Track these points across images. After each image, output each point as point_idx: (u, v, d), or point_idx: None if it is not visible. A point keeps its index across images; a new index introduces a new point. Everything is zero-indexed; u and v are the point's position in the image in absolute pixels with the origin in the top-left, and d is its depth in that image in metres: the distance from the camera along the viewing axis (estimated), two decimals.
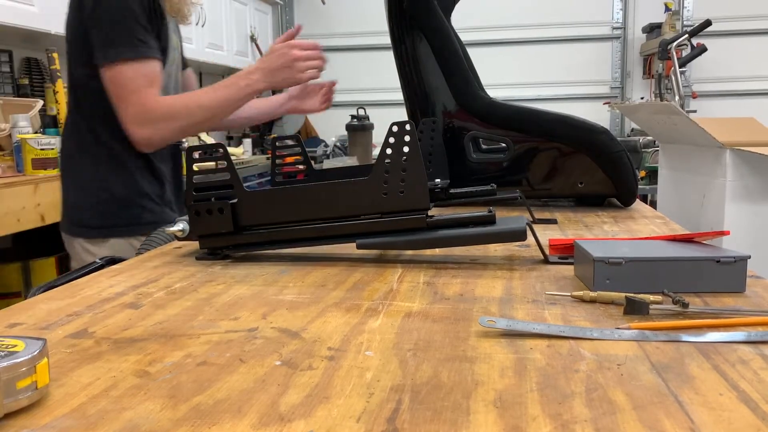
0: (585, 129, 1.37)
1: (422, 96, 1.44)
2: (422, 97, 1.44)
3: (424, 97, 1.44)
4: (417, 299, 0.70)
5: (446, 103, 1.42)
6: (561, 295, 0.70)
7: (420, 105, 1.45)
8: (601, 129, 1.37)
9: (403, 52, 1.46)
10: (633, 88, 4.93)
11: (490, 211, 0.88)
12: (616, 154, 1.35)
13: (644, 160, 3.70)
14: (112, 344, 0.58)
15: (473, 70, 1.49)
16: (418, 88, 1.44)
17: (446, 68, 1.42)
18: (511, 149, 1.37)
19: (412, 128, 0.84)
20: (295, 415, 0.43)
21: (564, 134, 1.37)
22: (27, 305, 0.72)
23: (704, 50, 4.16)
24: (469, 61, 1.50)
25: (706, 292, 0.70)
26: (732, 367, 0.50)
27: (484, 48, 4.98)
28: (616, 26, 4.90)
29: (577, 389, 0.46)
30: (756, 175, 1.89)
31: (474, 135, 1.40)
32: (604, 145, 1.35)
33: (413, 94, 1.46)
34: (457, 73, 1.42)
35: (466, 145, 1.38)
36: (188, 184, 0.92)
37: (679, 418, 0.42)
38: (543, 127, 1.38)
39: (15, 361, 0.43)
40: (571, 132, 1.36)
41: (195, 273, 0.86)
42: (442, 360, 0.52)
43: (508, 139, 1.37)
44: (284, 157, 1.20)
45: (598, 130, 1.37)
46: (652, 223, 1.17)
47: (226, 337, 0.59)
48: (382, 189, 0.86)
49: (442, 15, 1.43)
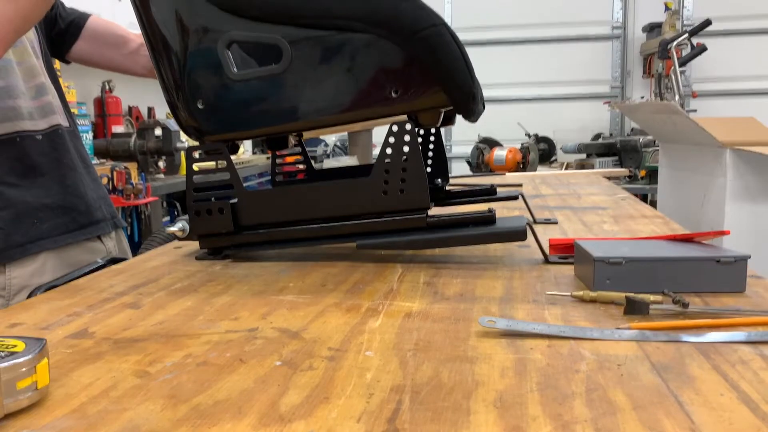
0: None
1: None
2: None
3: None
4: (417, 299, 0.70)
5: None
6: (561, 295, 0.70)
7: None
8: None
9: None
10: (633, 87, 4.93)
11: (490, 211, 0.88)
12: (427, 31, 0.81)
13: (644, 159, 3.71)
14: (112, 344, 0.58)
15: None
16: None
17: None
18: (287, 52, 0.86)
19: (412, 128, 0.84)
20: (296, 415, 0.43)
21: (345, 12, 0.84)
22: (27, 305, 0.72)
23: (704, 50, 4.16)
24: None
25: (706, 292, 0.70)
26: (732, 367, 0.50)
27: (485, 48, 4.98)
28: (616, 26, 4.90)
29: (578, 389, 0.46)
30: (756, 175, 1.89)
31: (231, 38, 0.87)
32: (408, 20, 0.82)
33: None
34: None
35: (222, 56, 0.87)
36: (188, 184, 0.92)
37: (679, 418, 0.41)
38: (317, 6, 0.86)
39: (15, 361, 0.43)
40: (354, 5, 0.84)
41: (195, 273, 0.86)
42: (442, 360, 0.52)
43: (280, 37, 0.86)
44: (284, 157, 1.20)
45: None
46: (652, 223, 1.17)
47: (226, 337, 0.59)
48: (382, 189, 0.86)
49: None
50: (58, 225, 1.14)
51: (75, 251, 1.16)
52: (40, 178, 1.13)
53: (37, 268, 1.09)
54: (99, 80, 2.96)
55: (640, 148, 3.74)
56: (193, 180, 0.92)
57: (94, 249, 1.20)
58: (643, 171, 3.68)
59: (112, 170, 2.28)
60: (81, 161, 1.23)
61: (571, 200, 1.52)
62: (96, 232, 1.21)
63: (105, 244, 1.24)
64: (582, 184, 1.87)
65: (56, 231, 1.13)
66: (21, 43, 1.15)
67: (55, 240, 1.12)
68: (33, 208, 1.10)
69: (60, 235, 1.13)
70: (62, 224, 1.14)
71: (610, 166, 3.81)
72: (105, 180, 2.25)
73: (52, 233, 1.12)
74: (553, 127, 4.68)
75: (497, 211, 0.89)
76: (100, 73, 3.08)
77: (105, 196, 1.28)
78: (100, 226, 1.22)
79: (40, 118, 1.15)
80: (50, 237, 1.12)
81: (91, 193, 1.22)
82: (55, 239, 1.12)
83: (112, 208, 1.29)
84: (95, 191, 1.24)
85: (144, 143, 2.54)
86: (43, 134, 1.14)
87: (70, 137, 1.21)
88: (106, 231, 1.24)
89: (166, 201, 2.96)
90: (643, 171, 3.68)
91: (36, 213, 1.11)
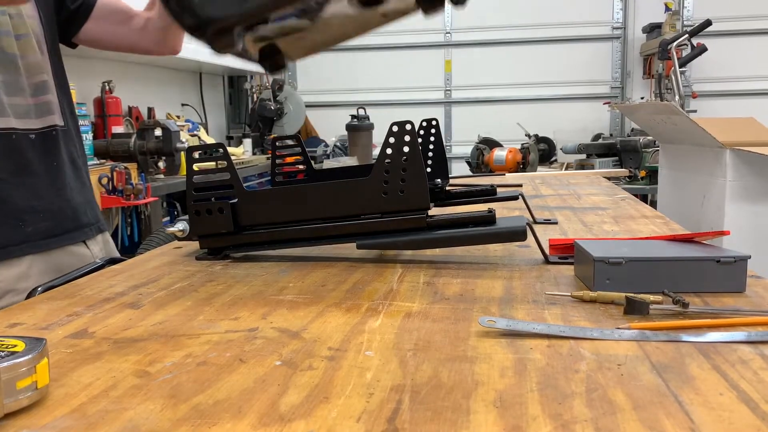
0: None
1: None
2: None
3: None
4: (417, 299, 0.70)
5: None
6: (561, 295, 0.70)
7: None
8: None
9: None
10: (633, 88, 4.92)
11: (490, 211, 0.88)
12: None
13: (644, 160, 3.70)
14: (112, 344, 0.58)
15: None
16: None
17: None
18: None
19: (412, 128, 0.84)
20: (295, 415, 0.43)
21: None
22: (27, 305, 0.72)
23: (704, 50, 4.16)
24: None
25: (706, 292, 0.70)
26: (732, 367, 0.50)
27: (485, 48, 4.98)
28: (616, 26, 4.90)
29: (578, 389, 0.46)
30: (756, 175, 1.89)
31: None
32: None
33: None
34: None
35: None
36: (188, 184, 0.92)
37: (679, 418, 0.41)
38: None
39: (15, 361, 0.43)
40: None
41: (195, 273, 0.86)
42: (442, 360, 0.52)
43: None
44: (284, 157, 1.20)
45: None
46: (652, 224, 1.17)
47: (226, 337, 0.59)
48: (382, 189, 0.86)
49: None
50: (44, 229, 1.12)
51: (60, 256, 1.14)
52: (29, 179, 1.11)
53: (23, 271, 1.08)
54: (99, 80, 2.95)
55: (640, 149, 3.73)
56: (193, 180, 0.92)
57: (80, 254, 1.18)
58: (643, 171, 3.68)
59: (112, 170, 2.28)
60: (71, 164, 1.20)
61: (571, 200, 1.52)
62: (81, 237, 1.19)
63: (90, 248, 1.22)
64: (582, 185, 1.87)
65: (41, 235, 1.11)
66: (26, 37, 1.13)
67: (40, 245, 1.10)
68: (20, 210, 1.09)
69: (44, 240, 1.11)
70: (48, 228, 1.12)
71: (610, 166, 3.81)
72: (105, 180, 2.25)
73: (36, 237, 1.10)
74: (553, 127, 4.67)
75: (497, 211, 0.89)
76: (100, 73, 3.08)
77: (91, 199, 1.26)
78: (84, 232, 1.20)
79: (37, 117, 1.13)
80: (35, 241, 1.10)
81: (78, 197, 1.20)
82: (39, 243, 1.10)
83: (97, 211, 1.27)
84: (82, 195, 1.22)
85: (144, 144, 2.54)
86: (36, 134, 1.12)
87: (64, 139, 1.18)
88: (90, 236, 1.22)
89: (166, 201, 2.96)
90: (643, 171, 3.68)
91: (22, 215, 1.09)
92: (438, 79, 5.09)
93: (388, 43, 4.96)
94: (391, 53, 5.03)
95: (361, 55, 5.03)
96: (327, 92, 5.17)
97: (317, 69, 5.15)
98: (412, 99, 5.08)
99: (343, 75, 5.13)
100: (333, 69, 5.12)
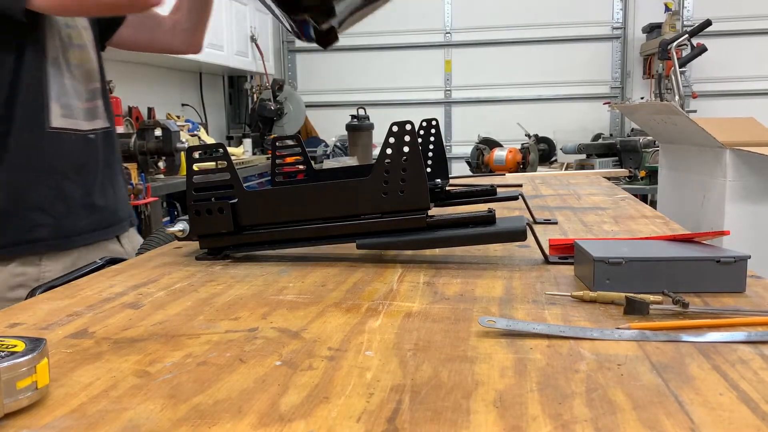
0: None
1: None
2: None
3: None
4: (417, 299, 0.70)
5: None
6: (561, 295, 0.70)
7: None
8: None
9: None
10: (633, 88, 4.93)
11: (490, 211, 0.88)
12: None
13: (644, 160, 3.71)
14: (112, 344, 0.58)
15: None
16: None
17: None
18: None
19: (412, 128, 0.84)
20: (295, 415, 0.43)
21: None
22: (27, 305, 0.72)
23: (704, 50, 4.16)
24: None
25: (706, 292, 0.70)
26: (732, 367, 0.50)
27: (485, 48, 4.98)
28: (616, 26, 4.90)
29: (577, 389, 0.46)
30: (756, 175, 1.89)
31: None
32: None
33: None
34: None
35: None
36: (188, 184, 0.92)
37: (679, 418, 0.41)
38: None
39: (15, 361, 0.43)
40: None
41: (195, 273, 0.86)
42: (442, 360, 0.52)
43: None
44: (284, 157, 1.20)
45: None
46: (652, 223, 1.17)
47: (226, 337, 0.59)
48: (382, 189, 0.86)
49: None
50: (92, 223, 1.21)
51: (99, 251, 1.23)
52: (87, 177, 1.21)
53: (70, 264, 1.15)
54: None
55: (640, 149, 3.73)
56: (193, 180, 0.92)
57: (113, 250, 1.27)
58: (643, 171, 3.68)
59: None
60: (116, 162, 1.32)
61: (571, 200, 1.52)
62: (117, 231, 1.29)
63: (123, 245, 1.31)
64: (582, 185, 1.87)
65: (89, 228, 1.21)
66: (83, 48, 1.23)
67: (87, 237, 1.20)
68: (78, 205, 1.18)
69: (91, 233, 1.21)
70: (95, 222, 1.22)
71: (610, 166, 3.81)
72: None
73: (86, 230, 1.20)
74: (553, 127, 4.68)
75: (497, 211, 0.89)
76: None
77: (126, 195, 1.38)
78: (122, 225, 1.30)
79: (91, 119, 1.23)
80: (84, 234, 1.19)
81: (119, 192, 1.31)
82: (87, 236, 1.20)
83: (131, 207, 1.39)
84: (122, 190, 1.34)
85: (144, 144, 2.53)
86: (95, 134, 1.23)
87: (110, 139, 1.29)
88: (123, 231, 1.31)
89: (166, 201, 2.95)
90: (643, 171, 3.68)
91: (79, 210, 1.18)
92: (438, 79, 5.09)
93: (388, 43, 4.96)
94: (391, 53, 5.04)
95: (361, 55, 5.04)
96: (327, 92, 5.18)
97: (317, 69, 5.15)
98: (412, 99, 5.08)
99: (343, 75, 5.13)
100: (333, 69, 5.12)
